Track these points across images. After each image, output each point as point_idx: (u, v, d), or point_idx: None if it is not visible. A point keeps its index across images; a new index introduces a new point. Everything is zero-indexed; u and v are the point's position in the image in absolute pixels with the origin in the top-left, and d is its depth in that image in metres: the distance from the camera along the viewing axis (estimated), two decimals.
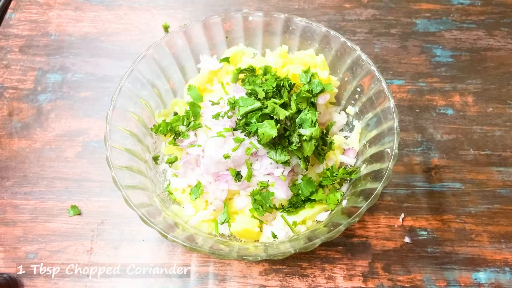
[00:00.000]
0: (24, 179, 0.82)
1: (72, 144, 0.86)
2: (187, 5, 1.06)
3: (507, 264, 0.73)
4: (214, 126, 0.70)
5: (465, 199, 0.79)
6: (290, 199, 0.69)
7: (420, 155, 0.84)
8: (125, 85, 0.72)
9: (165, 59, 0.79)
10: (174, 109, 0.82)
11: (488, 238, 0.75)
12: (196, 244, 0.59)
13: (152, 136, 0.78)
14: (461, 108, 0.90)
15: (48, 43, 1.00)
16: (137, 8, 1.06)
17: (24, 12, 1.05)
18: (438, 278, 0.72)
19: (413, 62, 0.97)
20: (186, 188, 0.73)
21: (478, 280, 0.72)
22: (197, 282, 0.72)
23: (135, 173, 0.69)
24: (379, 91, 0.71)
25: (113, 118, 0.69)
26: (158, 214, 0.64)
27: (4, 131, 0.88)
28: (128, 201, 0.61)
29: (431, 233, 0.76)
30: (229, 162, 0.67)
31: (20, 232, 0.77)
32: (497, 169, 0.82)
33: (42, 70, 0.96)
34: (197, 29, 0.79)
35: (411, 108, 0.90)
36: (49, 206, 0.79)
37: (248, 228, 0.68)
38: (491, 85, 0.93)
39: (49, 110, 0.90)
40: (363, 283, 0.72)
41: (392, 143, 0.65)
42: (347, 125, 0.82)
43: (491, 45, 0.99)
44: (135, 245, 0.75)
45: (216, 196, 0.69)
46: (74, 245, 0.75)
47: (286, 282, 0.72)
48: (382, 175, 0.63)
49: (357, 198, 0.65)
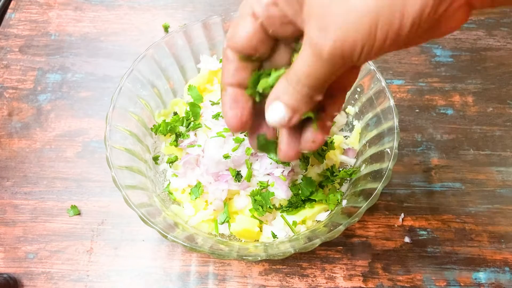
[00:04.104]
0: (24, 179, 0.82)
1: (72, 144, 0.86)
2: (187, 5, 1.06)
3: (507, 264, 0.73)
4: (214, 126, 0.70)
5: (465, 199, 0.79)
6: (290, 199, 0.69)
7: (420, 155, 0.84)
8: (125, 85, 0.72)
9: (165, 59, 0.79)
10: (174, 109, 0.82)
11: (488, 238, 0.75)
12: (196, 244, 0.59)
13: (152, 136, 0.79)
14: (461, 108, 0.90)
15: (48, 43, 1.00)
16: (137, 8, 1.06)
17: (24, 12, 1.05)
18: (438, 278, 0.72)
19: (413, 62, 0.97)
20: (186, 188, 0.74)
21: (478, 280, 0.72)
22: (197, 282, 0.72)
23: (135, 173, 0.69)
24: (379, 91, 0.71)
25: (113, 118, 0.69)
26: (158, 214, 0.64)
27: (4, 131, 0.88)
28: (128, 201, 0.61)
29: (431, 233, 0.76)
30: (229, 162, 0.67)
31: (20, 232, 0.77)
32: (497, 169, 0.83)
33: (42, 70, 0.96)
34: (197, 29, 0.80)
35: (411, 108, 0.90)
36: (49, 206, 0.79)
37: (248, 228, 0.68)
38: (491, 85, 0.93)
39: (49, 110, 0.90)
40: (363, 283, 0.72)
41: (392, 143, 0.65)
42: (347, 125, 0.82)
43: (491, 45, 0.99)
44: (135, 245, 0.75)
45: (216, 196, 0.69)
46: (74, 245, 0.75)
47: (286, 282, 0.72)
48: (382, 175, 0.63)
49: (357, 198, 0.66)
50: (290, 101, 0.38)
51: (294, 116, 0.39)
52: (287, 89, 0.37)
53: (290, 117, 0.39)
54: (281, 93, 0.38)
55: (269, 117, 0.40)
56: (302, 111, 0.39)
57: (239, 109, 0.43)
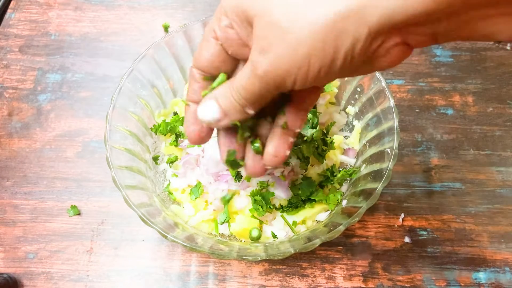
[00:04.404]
0: (24, 179, 0.82)
1: (72, 144, 0.86)
2: (187, 5, 1.06)
3: (507, 264, 0.73)
4: None
5: (465, 199, 0.79)
6: (290, 199, 0.69)
7: (420, 155, 0.84)
8: (125, 85, 0.72)
9: (165, 59, 0.79)
10: (174, 109, 0.82)
11: (488, 238, 0.75)
12: (196, 244, 0.59)
13: (152, 136, 0.79)
14: (461, 108, 0.90)
15: (48, 43, 1.00)
16: (137, 8, 1.06)
17: (24, 12, 1.05)
18: (438, 278, 0.72)
19: (413, 62, 0.97)
20: (186, 188, 0.74)
21: (478, 280, 0.72)
22: (197, 282, 0.72)
23: (135, 173, 0.69)
24: (379, 91, 0.71)
25: (113, 118, 0.69)
26: (158, 214, 0.64)
27: (4, 131, 0.88)
28: (128, 201, 0.61)
29: (431, 233, 0.76)
30: None
31: (20, 232, 0.77)
32: (497, 169, 0.83)
33: (42, 70, 0.96)
34: (197, 29, 0.79)
35: (411, 108, 0.90)
36: (49, 206, 0.79)
37: (248, 228, 0.68)
38: (491, 85, 0.93)
39: (49, 110, 0.90)
40: (363, 283, 0.72)
41: (392, 143, 0.65)
42: (347, 125, 0.82)
43: (491, 45, 0.99)
44: (135, 245, 0.75)
45: (216, 196, 0.69)
46: (74, 245, 0.75)
47: (286, 282, 0.72)
48: (382, 175, 0.63)
49: (357, 198, 0.66)
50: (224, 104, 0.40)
51: (223, 119, 0.41)
52: (226, 93, 0.40)
53: (220, 119, 0.41)
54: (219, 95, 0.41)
55: (200, 112, 0.42)
56: (232, 117, 0.41)
57: (198, 126, 0.46)
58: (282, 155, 0.45)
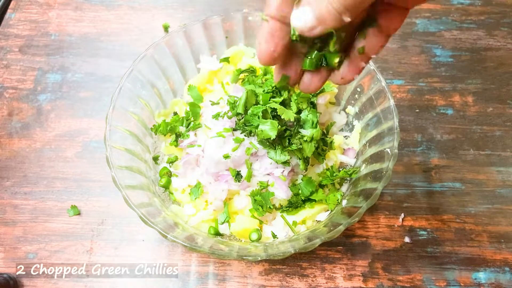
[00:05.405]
0: (24, 179, 0.82)
1: (72, 144, 0.86)
2: (187, 5, 1.06)
3: (507, 264, 0.73)
4: (214, 126, 0.70)
5: (465, 199, 0.79)
6: (290, 199, 0.69)
7: (420, 155, 0.84)
8: (125, 85, 0.72)
9: (165, 59, 0.79)
10: (174, 109, 0.82)
11: (488, 238, 0.75)
12: (196, 244, 0.59)
13: (152, 136, 0.79)
14: (461, 108, 0.90)
15: (48, 43, 1.00)
16: (137, 8, 1.06)
17: (24, 12, 1.05)
18: (438, 278, 0.72)
19: (413, 62, 0.97)
20: (186, 188, 0.74)
21: (478, 280, 0.72)
22: (197, 282, 0.72)
23: (135, 173, 0.69)
24: (379, 91, 0.71)
25: (113, 118, 0.69)
26: (158, 214, 0.64)
27: (4, 131, 0.88)
28: (128, 201, 0.61)
29: (431, 233, 0.76)
30: (229, 162, 0.67)
31: (20, 232, 0.77)
32: (497, 169, 0.82)
33: (42, 70, 0.96)
34: (197, 29, 0.80)
35: (411, 108, 0.90)
36: (49, 206, 0.79)
37: (248, 228, 0.68)
38: (491, 85, 0.93)
39: (49, 110, 0.90)
40: (363, 283, 0.72)
41: (392, 143, 0.65)
42: (347, 125, 0.82)
43: (491, 45, 0.99)
44: (135, 245, 0.75)
45: (216, 196, 0.69)
46: (74, 245, 0.75)
47: (286, 282, 0.72)
48: (382, 175, 0.63)
49: (357, 198, 0.66)
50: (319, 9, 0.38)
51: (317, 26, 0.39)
52: None
53: (313, 26, 0.39)
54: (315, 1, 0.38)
55: (293, 19, 0.40)
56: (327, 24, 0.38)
57: (273, 44, 0.43)
58: (350, 78, 0.46)
